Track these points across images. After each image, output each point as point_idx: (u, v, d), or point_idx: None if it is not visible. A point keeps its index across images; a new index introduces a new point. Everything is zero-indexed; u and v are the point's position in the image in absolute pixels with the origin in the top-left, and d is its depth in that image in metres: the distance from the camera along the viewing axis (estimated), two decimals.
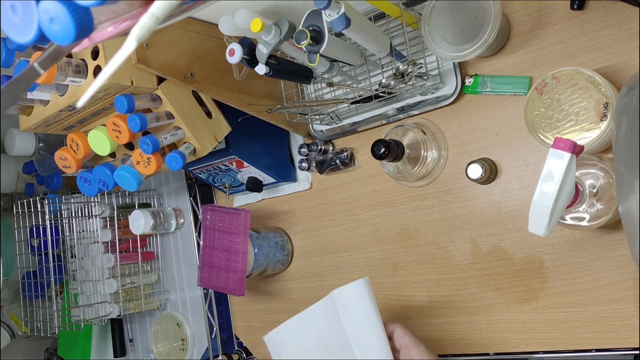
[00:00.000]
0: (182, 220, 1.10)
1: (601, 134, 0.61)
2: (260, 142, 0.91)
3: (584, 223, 0.63)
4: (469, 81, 0.76)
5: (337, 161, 0.89)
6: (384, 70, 0.79)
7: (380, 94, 0.76)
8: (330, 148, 0.91)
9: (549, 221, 0.53)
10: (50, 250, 1.03)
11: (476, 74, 0.76)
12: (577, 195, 0.58)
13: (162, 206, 1.14)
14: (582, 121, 0.63)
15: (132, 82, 0.69)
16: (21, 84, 0.41)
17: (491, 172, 0.74)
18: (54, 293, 1.02)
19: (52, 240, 1.03)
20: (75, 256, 1.07)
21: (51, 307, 1.05)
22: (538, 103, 0.66)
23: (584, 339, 0.69)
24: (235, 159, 0.88)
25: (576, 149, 0.52)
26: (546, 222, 0.53)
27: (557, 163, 0.52)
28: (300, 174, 0.96)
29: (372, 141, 0.75)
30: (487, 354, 0.76)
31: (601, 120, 0.61)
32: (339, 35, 0.68)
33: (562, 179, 0.52)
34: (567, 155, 0.52)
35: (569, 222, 0.63)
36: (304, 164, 0.93)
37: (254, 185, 0.93)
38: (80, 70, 0.67)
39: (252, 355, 1.04)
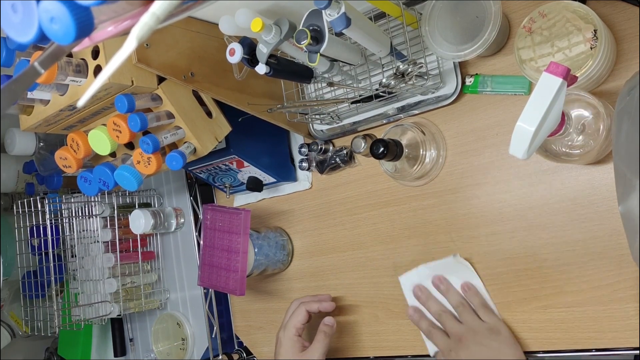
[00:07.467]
0: (182, 220, 1.10)
1: (592, 64, 0.61)
2: (260, 141, 0.91)
3: (565, 157, 0.63)
4: (469, 81, 0.76)
5: (337, 159, 0.89)
6: (384, 69, 0.79)
7: (381, 93, 0.76)
8: (331, 147, 0.91)
9: (530, 145, 0.52)
10: (50, 250, 1.02)
11: (476, 74, 0.76)
12: (562, 124, 0.57)
13: (163, 206, 1.14)
14: (574, 57, 0.63)
15: (132, 81, 0.69)
16: (21, 84, 0.41)
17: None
18: (54, 292, 1.02)
19: (52, 239, 1.03)
20: (75, 255, 1.07)
21: (51, 307, 1.05)
22: (527, 40, 0.66)
23: (584, 339, 0.69)
24: (236, 159, 0.88)
25: (569, 76, 0.52)
26: (527, 145, 0.52)
27: (547, 87, 0.52)
28: (301, 174, 0.96)
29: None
30: None
31: (591, 48, 0.61)
32: (339, 34, 0.68)
33: (550, 104, 0.51)
34: (559, 81, 0.51)
35: (554, 150, 0.63)
36: (304, 164, 0.93)
37: (254, 185, 0.93)
38: (81, 69, 0.67)
39: (252, 355, 1.04)
